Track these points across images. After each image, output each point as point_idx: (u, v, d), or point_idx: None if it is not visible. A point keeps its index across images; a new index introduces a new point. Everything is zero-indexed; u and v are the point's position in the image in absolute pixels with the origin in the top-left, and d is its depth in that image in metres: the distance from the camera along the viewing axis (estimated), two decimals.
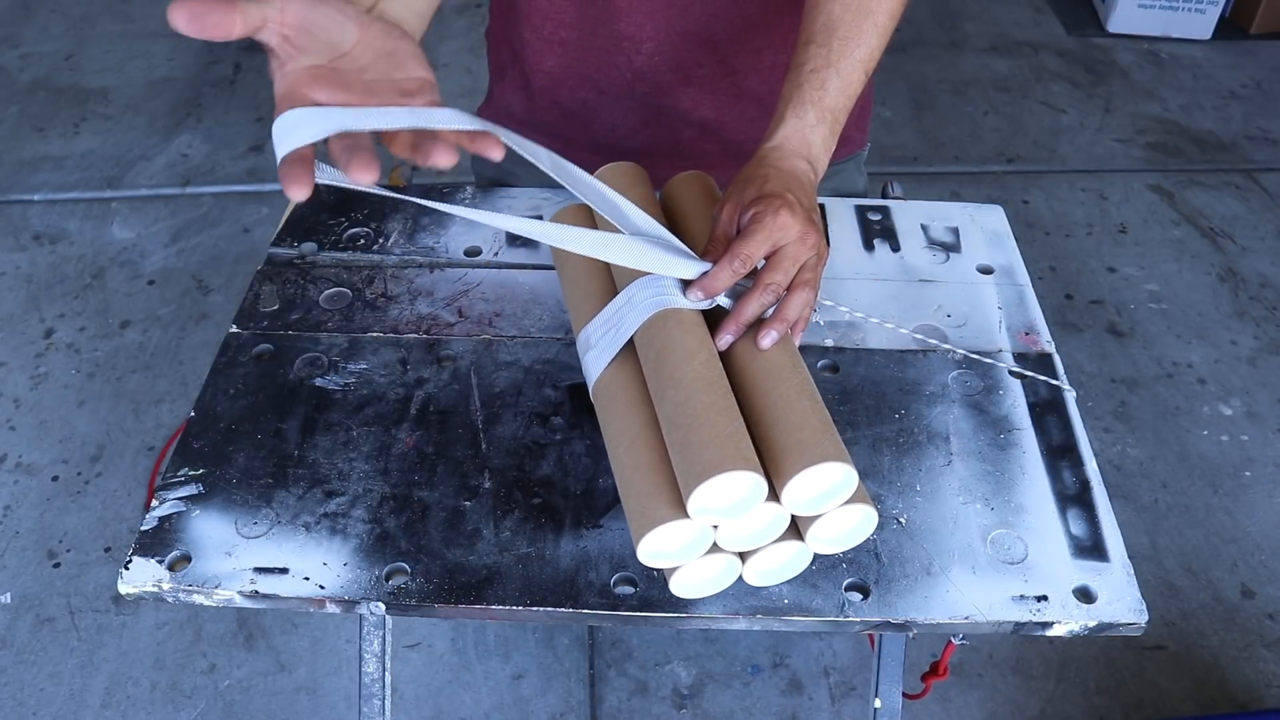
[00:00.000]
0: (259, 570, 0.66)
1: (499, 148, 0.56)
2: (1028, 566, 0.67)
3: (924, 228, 0.95)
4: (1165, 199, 2.31)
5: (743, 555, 0.61)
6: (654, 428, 0.62)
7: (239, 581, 0.66)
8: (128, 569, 0.66)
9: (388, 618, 0.75)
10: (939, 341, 0.83)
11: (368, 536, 0.68)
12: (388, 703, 0.84)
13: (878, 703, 0.83)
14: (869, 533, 0.61)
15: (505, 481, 0.72)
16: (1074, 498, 0.71)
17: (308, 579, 0.66)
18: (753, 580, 0.62)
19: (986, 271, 0.91)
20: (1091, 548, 0.68)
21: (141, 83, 2.65)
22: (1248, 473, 1.70)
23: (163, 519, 0.69)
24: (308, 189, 0.52)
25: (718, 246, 0.67)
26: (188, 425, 0.76)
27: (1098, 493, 0.71)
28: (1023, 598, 0.65)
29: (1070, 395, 0.79)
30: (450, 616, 0.66)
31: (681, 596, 0.62)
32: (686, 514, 0.57)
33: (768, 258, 0.66)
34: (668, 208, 0.79)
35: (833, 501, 0.58)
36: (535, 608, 0.65)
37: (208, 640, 1.45)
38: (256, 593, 0.65)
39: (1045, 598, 0.65)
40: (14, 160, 2.37)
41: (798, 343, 0.69)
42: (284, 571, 0.66)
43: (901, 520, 0.69)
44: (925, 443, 0.75)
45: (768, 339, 0.65)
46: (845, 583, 0.66)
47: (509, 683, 1.41)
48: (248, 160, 2.37)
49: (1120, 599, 0.65)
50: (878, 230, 0.95)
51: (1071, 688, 1.41)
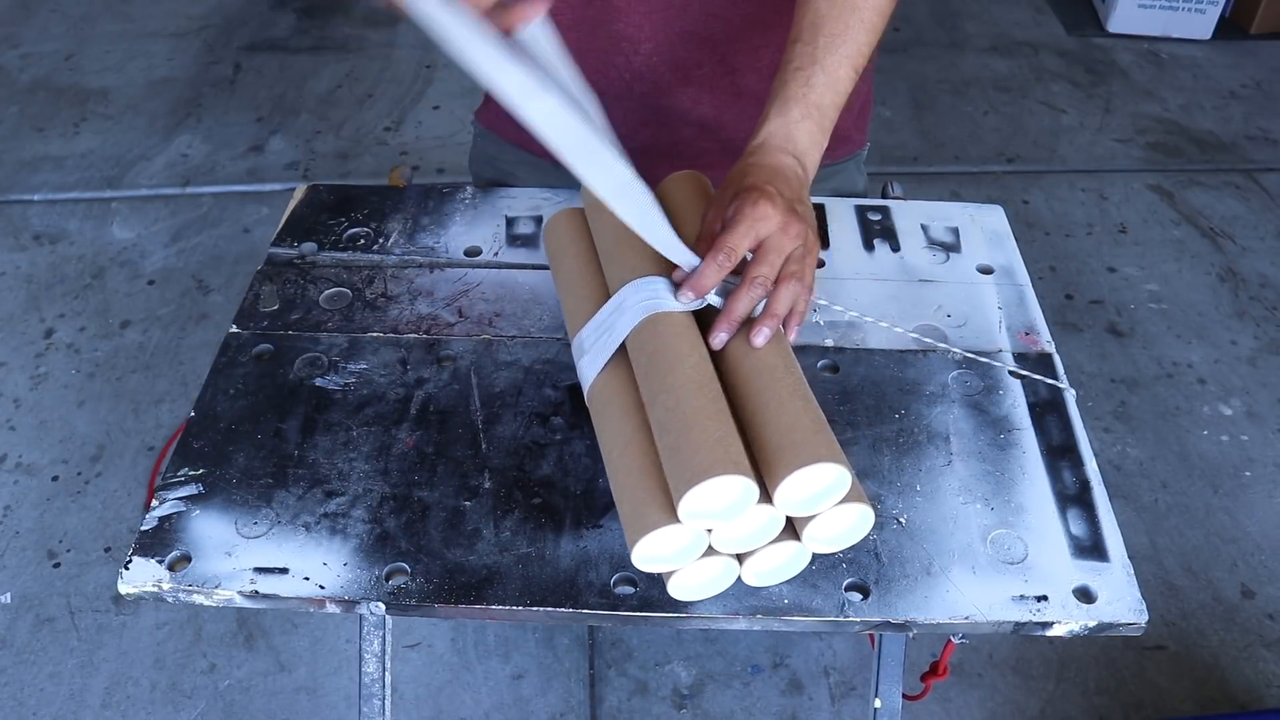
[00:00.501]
0: (259, 570, 0.66)
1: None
2: (1028, 566, 0.67)
3: (924, 228, 0.95)
4: (1165, 199, 2.31)
5: (740, 556, 0.61)
6: (646, 432, 0.62)
7: (239, 581, 0.66)
8: (128, 569, 0.66)
9: (388, 618, 0.75)
10: (939, 342, 0.83)
11: (368, 536, 0.68)
12: (388, 703, 0.84)
13: (878, 703, 0.83)
14: (866, 531, 0.61)
15: (505, 481, 0.72)
16: (1074, 498, 0.71)
17: (308, 579, 0.66)
18: (751, 581, 0.63)
19: (986, 271, 0.91)
20: (1091, 548, 0.68)
21: (141, 83, 2.65)
22: (1248, 473, 1.70)
23: (163, 519, 0.69)
24: None
25: (704, 245, 0.68)
26: (188, 425, 0.76)
27: (1098, 493, 0.71)
28: (1023, 598, 0.65)
29: (1070, 395, 0.79)
30: (450, 617, 0.66)
31: (680, 599, 0.62)
32: (678, 519, 0.57)
33: (753, 252, 0.67)
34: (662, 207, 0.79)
35: (827, 501, 0.58)
36: (535, 608, 0.65)
37: (208, 640, 1.45)
38: (256, 593, 0.65)
39: (1045, 598, 0.65)
40: (14, 160, 2.37)
41: (793, 338, 0.69)
42: (284, 571, 0.66)
43: (901, 520, 0.69)
44: (925, 443, 0.75)
45: (760, 337, 0.65)
46: (845, 583, 0.66)
47: (509, 683, 1.41)
48: (248, 160, 2.37)
49: (1120, 599, 0.65)
50: (878, 230, 0.95)
51: (1071, 688, 1.41)
